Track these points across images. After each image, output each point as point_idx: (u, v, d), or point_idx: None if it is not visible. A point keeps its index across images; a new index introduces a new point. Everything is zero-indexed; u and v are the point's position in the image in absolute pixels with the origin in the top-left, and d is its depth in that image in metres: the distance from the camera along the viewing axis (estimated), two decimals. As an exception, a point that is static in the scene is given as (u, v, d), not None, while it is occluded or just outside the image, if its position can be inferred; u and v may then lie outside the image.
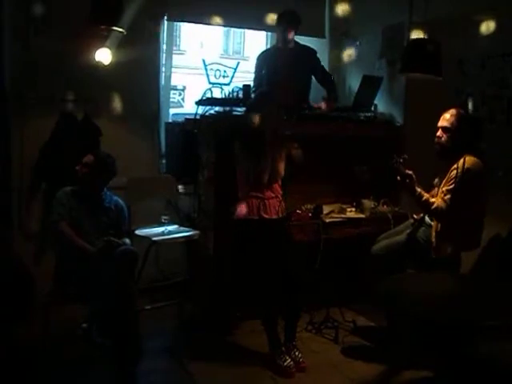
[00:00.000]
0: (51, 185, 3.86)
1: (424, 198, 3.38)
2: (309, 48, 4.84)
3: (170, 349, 3.62)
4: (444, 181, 3.41)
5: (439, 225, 3.43)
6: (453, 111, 3.48)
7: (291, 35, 4.63)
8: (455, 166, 3.32)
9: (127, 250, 3.31)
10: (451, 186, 3.31)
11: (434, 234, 3.45)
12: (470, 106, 3.93)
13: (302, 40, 4.87)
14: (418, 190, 3.38)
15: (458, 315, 2.68)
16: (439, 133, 3.48)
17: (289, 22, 4.58)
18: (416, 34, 4.15)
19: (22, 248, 3.98)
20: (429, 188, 3.55)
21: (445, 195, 3.33)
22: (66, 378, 3.16)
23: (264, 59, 4.78)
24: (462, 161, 3.29)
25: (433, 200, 3.39)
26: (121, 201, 3.61)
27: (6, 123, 3.94)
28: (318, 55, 4.86)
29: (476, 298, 2.90)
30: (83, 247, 3.27)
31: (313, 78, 4.84)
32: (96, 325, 3.48)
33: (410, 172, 3.37)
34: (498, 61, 3.81)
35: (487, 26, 3.83)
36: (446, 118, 3.47)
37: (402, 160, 3.35)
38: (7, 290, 3.67)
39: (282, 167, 3.65)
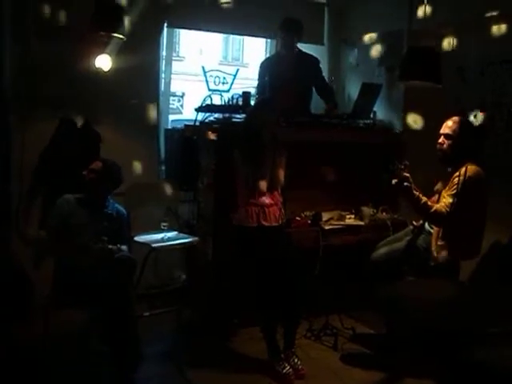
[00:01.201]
0: (50, 190, 3.86)
1: (422, 201, 3.34)
2: (312, 56, 4.85)
3: (169, 355, 3.60)
4: (447, 187, 3.41)
5: (439, 233, 3.43)
6: (455, 118, 3.48)
7: (293, 42, 4.64)
8: (457, 173, 3.32)
9: (125, 257, 3.31)
10: (453, 192, 3.31)
11: (434, 241, 3.45)
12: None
13: (302, 47, 4.87)
14: (416, 193, 3.36)
15: (458, 322, 2.68)
16: (441, 139, 3.49)
17: (290, 28, 4.59)
18: (415, 42, 4.16)
19: (21, 252, 3.96)
20: (429, 194, 3.55)
21: (446, 200, 3.34)
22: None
23: (267, 66, 4.78)
24: (464, 169, 3.29)
25: (431, 204, 3.39)
26: (122, 208, 3.61)
27: (6, 126, 3.94)
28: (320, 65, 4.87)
29: (475, 304, 2.90)
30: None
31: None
32: (95, 331, 3.47)
33: (408, 175, 3.36)
34: (497, 68, 3.83)
35: (486, 33, 3.84)
36: (449, 125, 3.47)
37: (403, 166, 3.35)
38: (5, 291, 3.66)
39: (281, 175, 3.64)
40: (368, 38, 5.02)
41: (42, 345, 3.21)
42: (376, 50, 4.94)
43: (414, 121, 4.42)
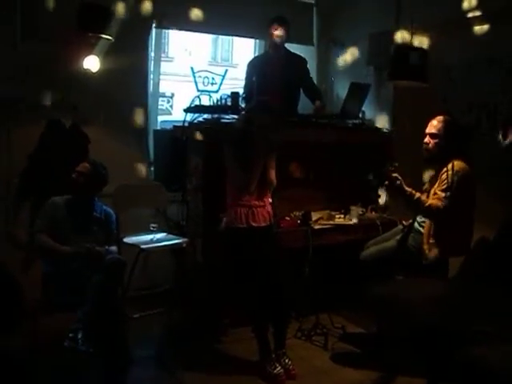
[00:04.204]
0: (39, 192, 3.83)
1: (416, 197, 3.39)
2: (300, 56, 4.86)
3: (159, 357, 3.60)
4: (436, 184, 3.42)
5: (431, 231, 3.44)
6: (440, 118, 3.51)
7: (282, 36, 4.63)
8: (445, 169, 3.34)
9: (114, 259, 3.30)
10: (444, 186, 3.33)
11: (425, 240, 3.46)
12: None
13: (291, 48, 4.88)
14: (409, 190, 3.39)
15: (449, 320, 2.69)
16: (427, 139, 3.51)
17: (280, 22, 4.59)
18: (402, 41, 4.17)
19: (10, 256, 3.94)
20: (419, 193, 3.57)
21: (439, 195, 3.35)
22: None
23: (254, 66, 4.78)
24: (450, 165, 3.32)
25: (425, 199, 3.41)
26: (109, 209, 3.60)
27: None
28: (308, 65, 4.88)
29: (464, 302, 2.91)
30: (59, 250, 3.27)
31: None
32: (83, 334, 3.45)
33: (396, 174, 3.38)
34: (484, 67, 3.85)
35: (472, 33, 3.86)
36: (434, 125, 3.50)
37: (393, 168, 3.37)
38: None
39: (273, 176, 3.61)
40: (356, 38, 5.04)
41: (32, 349, 3.19)
42: (364, 50, 4.95)
43: (403, 120, 4.44)
